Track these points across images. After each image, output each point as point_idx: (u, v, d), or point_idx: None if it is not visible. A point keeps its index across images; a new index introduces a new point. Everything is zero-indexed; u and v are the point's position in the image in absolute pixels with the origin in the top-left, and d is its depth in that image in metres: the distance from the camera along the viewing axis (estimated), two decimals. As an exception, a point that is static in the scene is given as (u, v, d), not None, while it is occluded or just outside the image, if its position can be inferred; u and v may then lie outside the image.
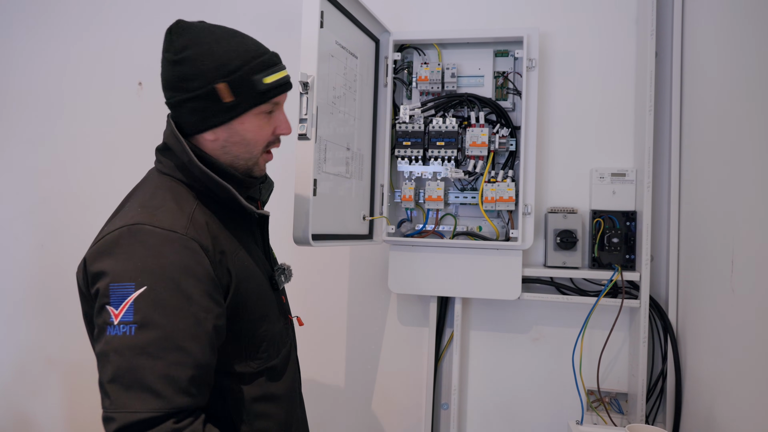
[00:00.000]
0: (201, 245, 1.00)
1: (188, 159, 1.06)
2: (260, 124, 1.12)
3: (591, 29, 1.92)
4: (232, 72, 1.05)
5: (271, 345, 1.16)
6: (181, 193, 1.07)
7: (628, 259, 1.81)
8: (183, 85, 1.06)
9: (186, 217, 1.02)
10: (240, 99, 1.07)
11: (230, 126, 1.09)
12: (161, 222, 0.99)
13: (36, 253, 2.35)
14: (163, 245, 0.97)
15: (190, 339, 0.94)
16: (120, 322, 0.92)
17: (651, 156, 1.75)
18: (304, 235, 1.36)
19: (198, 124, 1.08)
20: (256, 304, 1.13)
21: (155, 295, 0.93)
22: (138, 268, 0.94)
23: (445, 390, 2.01)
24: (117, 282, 0.93)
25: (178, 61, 1.05)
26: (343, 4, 1.58)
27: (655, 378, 1.80)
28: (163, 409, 0.89)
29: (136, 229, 0.97)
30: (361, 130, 1.77)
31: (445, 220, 1.93)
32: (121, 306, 0.92)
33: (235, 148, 1.11)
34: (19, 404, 2.35)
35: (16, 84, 2.40)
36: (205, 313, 0.97)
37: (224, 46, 1.06)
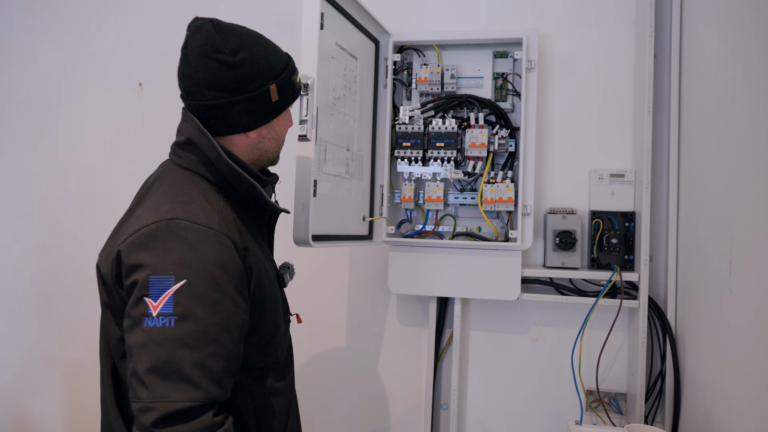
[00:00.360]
0: (233, 241, 1.04)
1: (216, 155, 1.08)
2: (287, 120, 1.22)
3: (590, 31, 1.93)
4: (279, 74, 1.14)
5: (279, 341, 1.19)
6: (206, 188, 1.10)
7: (627, 259, 1.82)
8: (240, 87, 1.09)
9: (218, 213, 1.05)
10: (283, 98, 1.16)
11: (271, 123, 1.17)
12: (196, 217, 1.02)
13: (36, 254, 2.35)
14: (199, 240, 1.00)
15: (224, 332, 0.98)
16: (159, 313, 0.94)
17: (650, 157, 1.76)
18: (305, 236, 1.37)
19: (250, 124, 1.13)
20: (270, 300, 1.15)
21: (194, 289, 0.96)
22: (177, 262, 0.97)
23: (444, 390, 2.01)
24: (156, 275, 0.96)
25: (238, 64, 1.08)
26: (343, 5, 1.58)
27: (654, 378, 1.80)
28: (200, 399, 0.92)
29: (174, 224, 1.00)
30: (360, 131, 1.78)
31: (445, 220, 1.93)
32: (161, 298, 0.95)
33: (268, 144, 1.18)
34: (19, 404, 2.35)
35: (16, 85, 2.40)
36: (236, 308, 1.01)
37: (267, 49, 1.13)
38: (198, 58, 1.08)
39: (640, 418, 1.74)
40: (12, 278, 2.37)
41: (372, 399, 2.08)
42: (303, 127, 1.35)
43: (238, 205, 1.14)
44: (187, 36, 1.11)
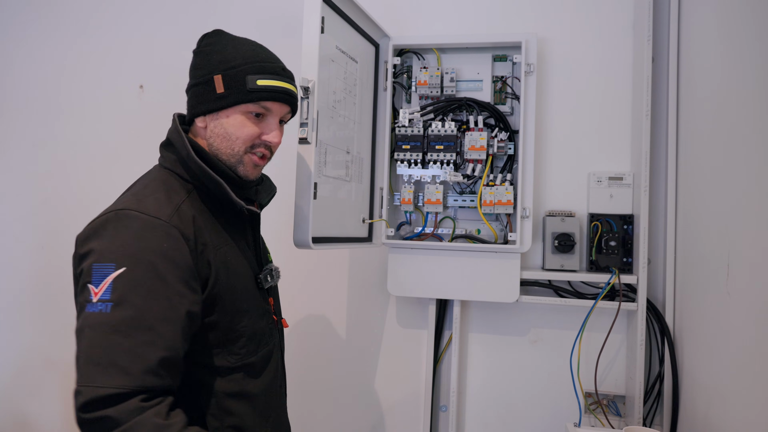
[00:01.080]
0: (182, 234, 1.05)
1: (186, 153, 1.12)
2: (244, 123, 1.17)
3: (589, 35, 1.94)
4: (230, 68, 1.14)
5: (250, 341, 1.17)
6: (173, 185, 1.13)
7: (626, 262, 1.83)
8: (193, 73, 1.19)
9: (173, 206, 1.07)
10: (229, 92, 1.14)
11: (217, 116, 1.16)
12: (147, 209, 1.04)
13: (36, 255, 2.36)
14: (145, 230, 1.02)
15: (162, 321, 0.98)
16: (98, 300, 0.96)
17: (648, 160, 1.77)
18: (305, 238, 1.37)
19: (194, 108, 1.18)
20: (236, 298, 1.15)
21: (132, 276, 0.98)
22: (119, 250, 0.99)
23: (443, 392, 2.01)
24: (99, 262, 0.98)
25: (196, 53, 1.19)
26: (344, 9, 1.59)
27: (653, 380, 1.81)
28: (128, 386, 0.93)
29: (122, 214, 1.03)
30: (360, 133, 1.79)
31: (444, 223, 1.94)
32: (101, 285, 0.97)
33: (217, 141, 1.17)
34: (19, 405, 2.35)
35: (17, 86, 2.40)
36: (179, 298, 1.01)
37: (237, 49, 1.17)
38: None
39: (638, 420, 1.75)
40: (12, 279, 2.38)
41: (371, 401, 2.08)
42: (303, 129, 1.36)
43: (214, 204, 1.16)
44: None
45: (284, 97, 1.19)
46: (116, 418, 0.91)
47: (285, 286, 1.83)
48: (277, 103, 1.18)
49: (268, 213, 1.92)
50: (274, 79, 1.16)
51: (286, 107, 1.21)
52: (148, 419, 0.92)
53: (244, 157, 1.18)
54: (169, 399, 0.98)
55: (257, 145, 1.19)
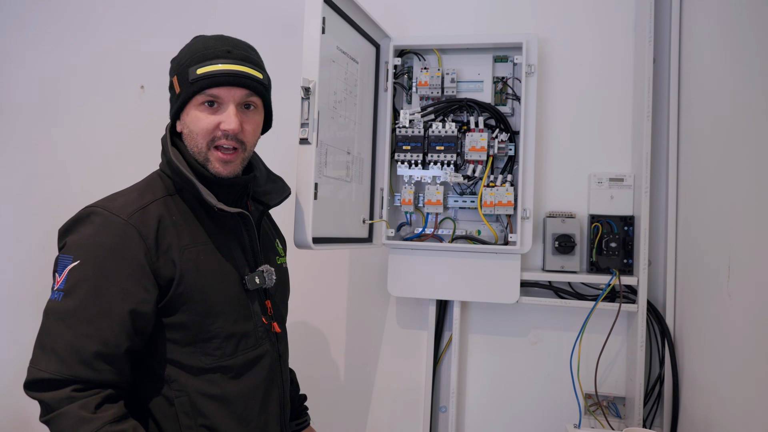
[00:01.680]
0: (140, 232, 1.07)
1: (168, 156, 1.15)
2: (198, 116, 1.14)
3: (590, 36, 1.94)
4: (179, 66, 1.17)
5: (226, 343, 1.14)
6: (156, 186, 1.16)
7: (626, 263, 1.83)
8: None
9: (138, 205, 1.10)
10: (181, 90, 1.15)
11: (183, 118, 1.18)
12: (112, 207, 1.09)
13: (37, 255, 2.36)
14: (103, 226, 1.06)
15: (101, 316, 1.02)
16: (57, 288, 1.04)
17: (649, 161, 1.77)
18: (305, 239, 1.37)
19: (171, 115, 1.20)
20: (207, 299, 1.12)
21: (83, 270, 1.03)
22: (78, 244, 1.06)
23: (443, 393, 2.01)
24: (63, 254, 1.07)
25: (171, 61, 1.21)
26: (345, 10, 1.59)
27: (653, 382, 1.81)
28: (62, 374, 0.99)
29: (89, 210, 1.09)
30: (361, 134, 1.79)
31: (445, 223, 1.94)
32: (61, 275, 1.04)
33: (189, 141, 1.17)
34: (19, 406, 2.35)
35: (18, 87, 2.41)
36: (122, 295, 1.04)
37: (190, 46, 1.18)
38: None
39: (638, 422, 1.74)
40: (13, 279, 2.38)
41: (371, 401, 2.08)
42: (304, 130, 1.36)
43: (197, 204, 1.18)
44: None
45: (230, 80, 1.11)
46: (49, 404, 0.99)
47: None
48: (224, 88, 1.12)
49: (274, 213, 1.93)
50: (215, 64, 1.11)
51: (240, 90, 1.13)
52: (73, 410, 0.97)
53: (209, 154, 1.14)
54: (104, 392, 1.01)
55: (218, 137, 1.14)
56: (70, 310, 1.01)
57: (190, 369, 1.12)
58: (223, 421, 1.14)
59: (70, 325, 1.01)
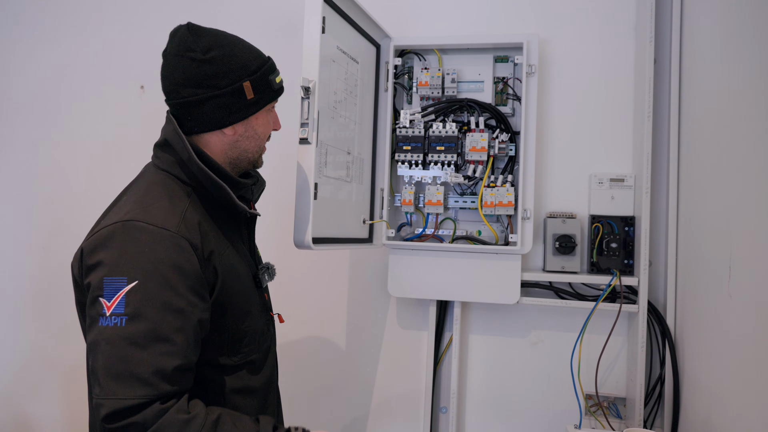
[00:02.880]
0: (191, 243, 1.06)
1: (188, 156, 1.11)
2: (267, 120, 1.24)
3: (590, 36, 1.93)
4: (254, 72, 1.16)
5: (253, 340, 1.21)
6: (175, 190, 1.13)
7: (627, 264, 1.82)
8: (212, 83, 1.12)
9: (178, 215, 1.07)
10: (259, 96, 1.17)
11: (248, 121, 1.18)
12: (154, 219, 1.04)
13: (37, 255, 2.36)
14: (154, 242, 1.02)
15: (176, 331, 1.00)
16: (112, 313, 0.98)
17: (649, 162, 1.76)
18: (305, 239, 1.37)
19: (224, 120, 1.15)
20: (240, 300, 1.17)
21: (146, 290, 0.99)
22: (130, 263, 1.00)
23: (444, 394, 2.01)
24: (110, 276, 0.99)
25: (207, 61, 1.12)
26: (345, 9, 1.59)
27: (653, 382, 1.80)
28: (149, 396, 0.96)
29: (130, 225, 1.03)
30: (361, 134, 1.78)
31: (445, 224, 1.93)
32: (114, 298, 0.98)
33: (246, 143, 1.20)
34: (20, 406, 2.35)
35: (17, 86, 2.41)
36: (191, 308, 1.03)
37: (241, 49, 1.16)
38: (173, 59, 1.14)
39: (639, 423, 1.74)
40: (13, 280, 2.38)
41: (371, 402, 2.08)
42: (304, 130, 1.36)
43: (212, 206, 1.17)
44: (168, 41, 1.17)
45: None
46: (142, 423, 0.95)
47: (285, 286, 1.83)
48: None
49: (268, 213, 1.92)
50: (279, 74, 1.22)
51: None
52: (174, 417, 0.97)
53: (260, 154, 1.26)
54: (185, 396, 1.02)
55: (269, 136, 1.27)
56: (141, 333, 0.97)
57: (225, 368, 1.16)
58: (251, 413, 1.19)
59: (146, 347, 0.97)
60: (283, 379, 1.51)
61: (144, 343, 0.97)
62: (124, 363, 0.96)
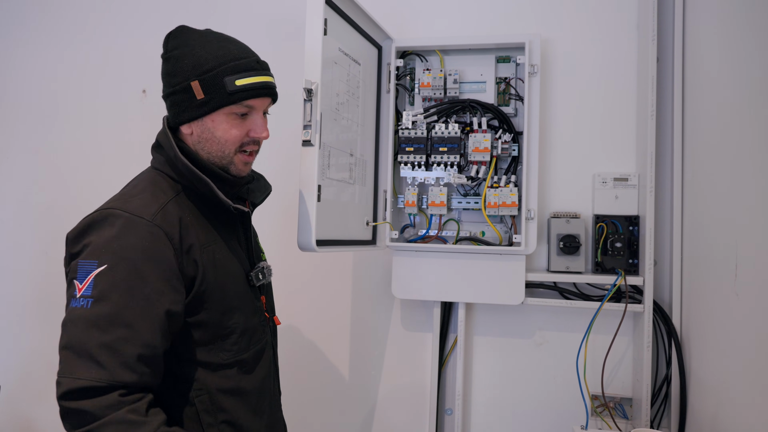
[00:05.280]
0: (165, 232, 1.07)
1: (173, 154, 1.14)
2: (231, 124, 1.17)
3: (592, 35, 1.93)
4: (205, 72, 1.13)
5: (241, 338, 1.19)
6: (161, 185, 1.15)
7: (632, 263, 1.81)
8: (168, 81, 1.17)
9: (157, 205, 1.09)
10: (210, 97, 1.14)
11: (202, 122, 1.16)
12: (131, 208, 1.07)
13: (39, 260, 2.36)
14: (127, 228, 1.04)
15: (139, 318, 1.01)
16: (81, 295, 1.01)
17: (653, 161, 1.76)
18: (309, 241, 1.37)
19: (176, 117, 1.17)
20: (226, 296, 1.16)
21: (113, 274, 1.01)
22: (102, 248, 1.02)
23: (449, 395, 2.00)
24: (84, 259, 1.03)
25: (167, 59, 1.17)
26: (347, 11, 1.59)
27: (660, 383, 1.79)
28: (104, 380, 0.96)
29: (107, 213, 1.06)
30: (364, 136, 1.78)
31: (448, 225, 1.93)
32: (84, 281, 1.01)
33: (207, 145, 1.17)
34: (23, 410, 2.35)
35: (20, 91, 2.41)
36: (158, 296, 1.03)
37: (206, 49, 1.15)
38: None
39: (646, 423, 1.73)
40: (15, 285, 2.38)
41: (376, 404, 2.07)
42: (307, 132, 1.35)
43: (203, 203, 1.18)
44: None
45: (265, 92, 1.18)
46: (93, 413, 0.95)
47: (289, 288, 1.82)
48: (259, 99, 1.18)
49: (272, 215, 1.92)
50: (252, 76, 1.15)
51: (268, 100, 1.21)
52: (123, 416, 0.95)
53: (235, 158, 1.19)
54: (148, 396, 1.01)
55: (246, 143, 1.20)
56: (104, 315, 0.99)
57: (209, 366, 1.14)
58: (241, 415, 1.18)
59: (107, 330, 0.98)
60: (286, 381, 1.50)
61: (105, 327, 0.98)
62: (83, 344, 0.97)
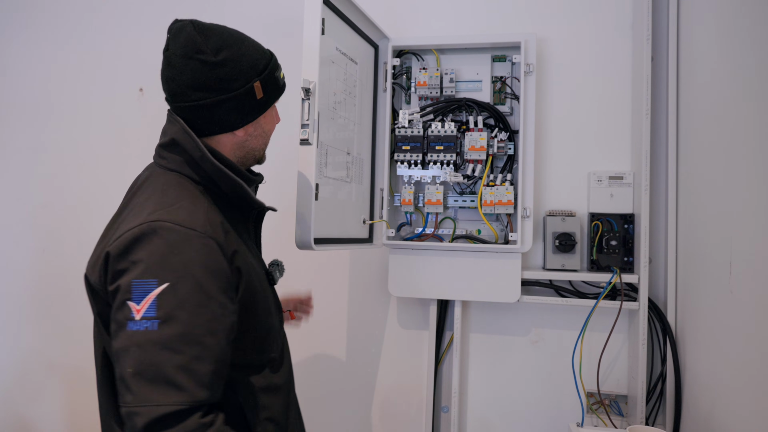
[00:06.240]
0: (218, 243, 1.03)
1: (200, 154, 1.08)
2: (273, 116, 1.23)
3: (588, 34, 1.94)
4: (262, 70, 1.14)
5: (273, 338, 1.20)
6: (191, 189, 1.09)
7: (627, 261, 1.83)
8: (224, 86, 1.09)
9: (203, 214, 1.05)
10: (268, 95, 1.16)
11: (257, 121, 1.18)
12: (180, 219, 1.01)
13: (37, 258, 2.35)
14: (182, 242, 0.99)
15: (209, 334, 0.97)
16: (142, 317, 0.93)
17: (648, 159, 1.77)
18: (307, 239, 1.37)
19: (236, 122, 1.14)
20: (261, 299, 1.16)
21: (177, 292, 0.95)
22: (159, 265, 0.96)
23: (445, 393, 2.01)
24: (139, 278, 0.95)
25: (220, 63, 1.09)
26: (344, 11, 1.59)
27: (655, 380, 1.81)
28: (186, 402, 0.91)
29: (157, 225, 0.99)
30: (360, 134, 1.78)
31: (445, 223, 1.94)
32: (143, 302, 0.94)
33: (255, 141, 1.19)
34: (20, 409, 2.34)
35: (16, 89, 2.40)
36: (222, 310, 1.00)
37: (249, 46, 1.14)
38: (180, 60, 1.09)
39: (641, 420, 1.74)
40: (12, 283, 2.37)
41: (372, 402, 2.08)
42: (305, 131, 1.36)
43: (224, 204, 1.14)
44: (168, 38, 1.13)
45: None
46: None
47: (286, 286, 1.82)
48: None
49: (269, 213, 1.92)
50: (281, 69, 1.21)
51: None
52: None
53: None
54: (221, 415, 0.98)
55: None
56: (175, 336, 0.93)
57: (252, 367, 1.15)
58: (280, 410, 1.19)
59: (180, 351, 0.93)
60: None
61: (177, 347, 0.93)
62: (157, 368, 0.91)
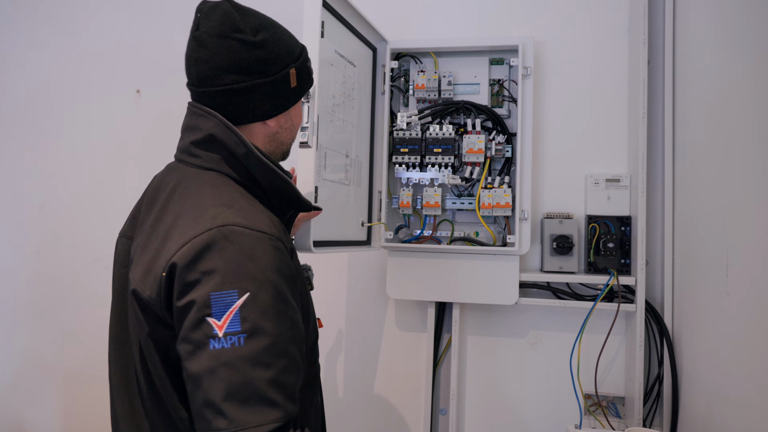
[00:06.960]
0: (284, 244, 0.95)
1: (245, 151, 0.99)
2: (300, 111, 1.17)
3: (585, 38, 1.95)
4: (298, 57, 1.08)
5: (316, 345, 1.13)
6: (239, 189, 1.00)
7: (624, 263, 1.84)
8: (262, 69, 1.01)
9: (266, 215, 0.96)
10: (301, 84, 1.09)
11: (288, 112, 1.10)
12: (248, 222, 0.91)
13: (32, 260, 2.34)
14: (255, 247, 0.90)
15: (292, 343, 0.90)
16: (226, 333, 0.84)
17: (645, 162, 1.78)
18: (306, 242, 1.37)
19: (270, 110, 1.05)
20: (310, 304, 1.11)
21: (258, 301, 0.87)
22: (238, 274, 0.87)
23: (443, 395, 2.01)
24: (217, 290, 0.86)
25: (259, 44, 1.00)
26: (343, 14, 1.60)
27: (652, 381, 1.81)
28: (282, 419, 0.85)
29: (227, 230, 0.89)
30: (359, 137, 1.79)
31: (443, 226, 1.94)
32: (225, 316, 0.85)
33: (285, 135, 1.11)
34: (15, 412, 2.33)
35: (13, 91, 2.39)
36: (296, 315, 0.94)
37: (284, 32, 1.07)
38: (215, 39, 0.98)
39: (638, 422, 1.75)
40: (8, 285, 2.36)
41: (370, 404, 2.08)
42: (304, 134, 1.35)
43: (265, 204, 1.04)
44: (198, 18, 1.01)
45: None
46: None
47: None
48: None
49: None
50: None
51: None
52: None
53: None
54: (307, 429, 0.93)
55: None
56: (264, 350, 0.85)
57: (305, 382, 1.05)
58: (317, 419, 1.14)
59: (271, 365, 0.85)
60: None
61: (268, 361, 0.85)
62: (250, 386, 0.83)
